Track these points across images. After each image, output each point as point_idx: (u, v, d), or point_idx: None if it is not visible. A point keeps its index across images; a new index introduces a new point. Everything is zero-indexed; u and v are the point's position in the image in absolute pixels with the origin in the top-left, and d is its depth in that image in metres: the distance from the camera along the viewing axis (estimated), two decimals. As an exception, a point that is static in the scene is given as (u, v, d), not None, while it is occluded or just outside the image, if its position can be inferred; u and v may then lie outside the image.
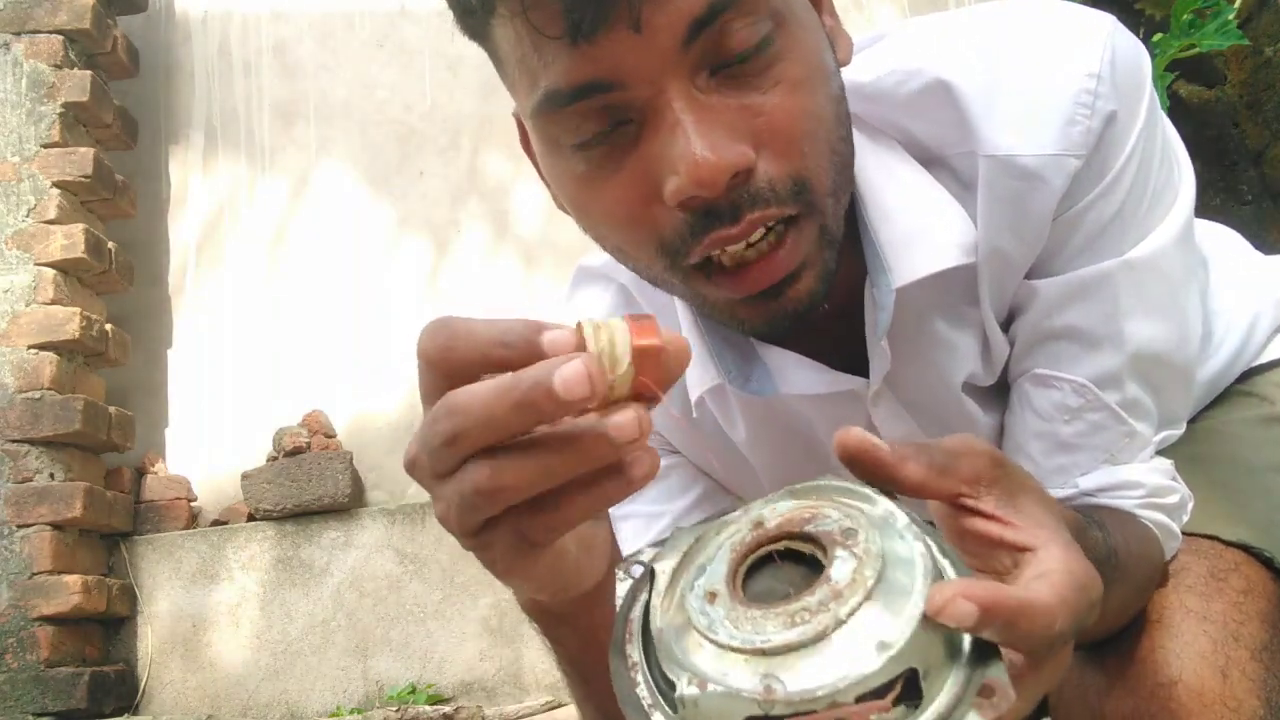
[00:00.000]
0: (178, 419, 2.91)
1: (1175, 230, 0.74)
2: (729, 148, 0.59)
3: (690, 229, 0.62)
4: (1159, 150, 0.73)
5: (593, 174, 0.64)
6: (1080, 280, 0.73)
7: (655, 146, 0.60)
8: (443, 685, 2.58)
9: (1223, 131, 2.60)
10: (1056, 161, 0.69)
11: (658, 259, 0.65)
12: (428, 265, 2.99)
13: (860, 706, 0.37)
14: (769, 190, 0.61)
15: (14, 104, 2.71)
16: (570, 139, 0.63)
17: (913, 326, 0.77)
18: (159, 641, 2.63)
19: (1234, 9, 2.26)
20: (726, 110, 0.60)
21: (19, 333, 2.57)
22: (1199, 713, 0.72)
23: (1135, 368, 0.75)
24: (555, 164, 0.66)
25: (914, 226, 0.72)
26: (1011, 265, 0.75)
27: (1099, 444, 0.76)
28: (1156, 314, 0.74)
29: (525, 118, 0.67)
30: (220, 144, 3.08)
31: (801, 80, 0.62)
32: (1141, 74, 0.71)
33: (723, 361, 0.77)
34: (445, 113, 3.06)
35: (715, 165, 0.58)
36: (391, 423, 2.88)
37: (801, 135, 0.62)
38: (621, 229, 0.66)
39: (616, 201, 0.64)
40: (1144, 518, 0.76)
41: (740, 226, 0.61)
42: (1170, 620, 0.77)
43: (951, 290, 0.76)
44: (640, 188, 0.62)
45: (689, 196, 0.60)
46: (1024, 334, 0.77)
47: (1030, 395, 0.77)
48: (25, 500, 2.47)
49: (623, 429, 0.40)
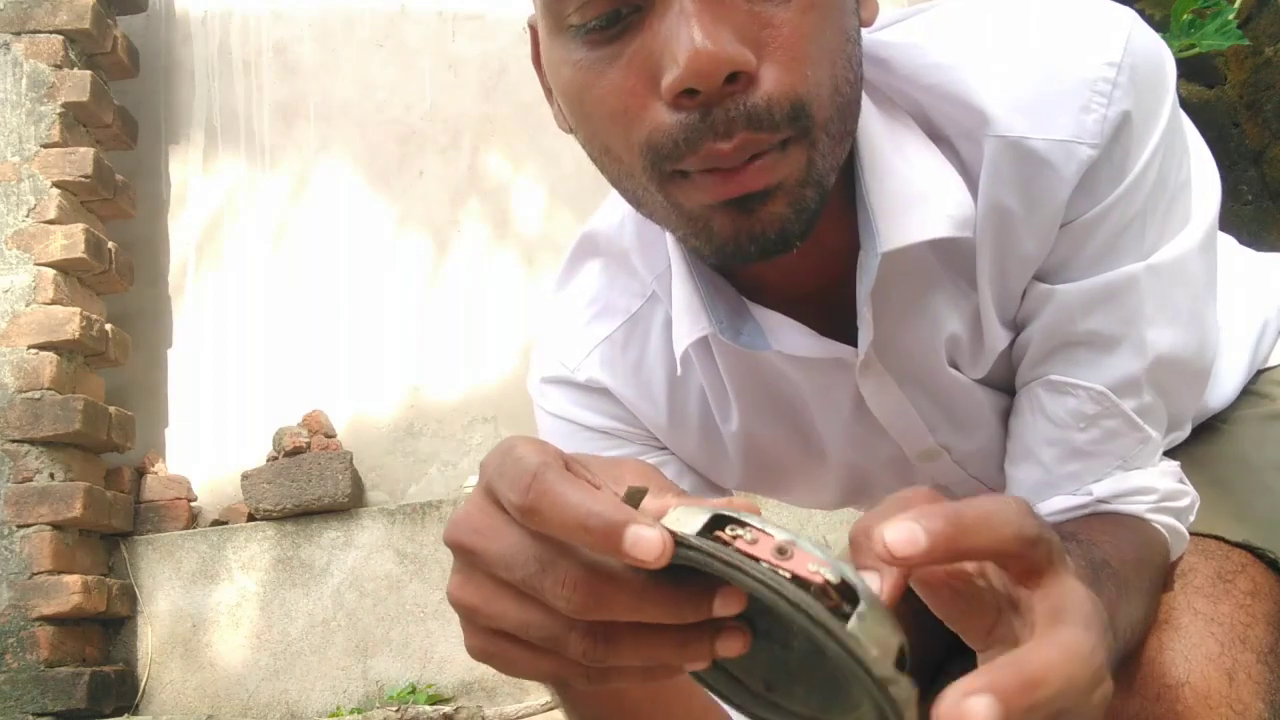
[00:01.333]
0: (178, 419, 2.91)
1: (1200, 235, 0.73)
2: (732, 43, 0.58)
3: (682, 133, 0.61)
4: (1181, 151, 0.72)
5: (592, 60, 0.63)
6: (1103, 285, 0.72)
7: (658, 34, 0.59)
8: (443, 685, 2.58)
9: (1223, 131, 2.60)
10: (1067, 148, 0.68)
11: (641, 159, 0.63)
12: (428, 265, 2.99)
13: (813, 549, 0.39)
14: (766, 111, 0.60)
15: (14, 104, 2.71)
16: (575, 19, 0.62)
17: (904, 298, 0.76)
18: (159, 641, 2.63)
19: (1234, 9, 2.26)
20: (736, 11, 0.59)
21: (19, 333, 2.56)
22: (1205, 715, 0.71)
23: (1154, 374, 0.74)
24: (556, 50, 0.65)
25: (909, 194, 0.71)
26: (1014, 254, 0.73)
27: (1113, 450, 0.75)
28: (1179, 321, 0.73)
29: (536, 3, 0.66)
30: (220, 144, 3.08)
31: (816, 4, 0.61)
32: (1164, 71, 0.70)
33: (715, 314, 0.76)
34: (445, 113, 3.06)
35: (715, 55, 0.57)
36: (391, 423, 2.88)
37: (807, 56, 0.61)
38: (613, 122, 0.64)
39: (612, 90, 0.62)
40: (1156, 522, 0.76)
41: (733, 143, 0.60)
42: (1178, 622, 0.76)
43: (948, 267, 0.75)
44: (638, 76, 0.61)
45: (685, 88, 0.59)
46: (1040, 338, 0.76)
47: (1044, 401, 0.76)
48: (25, 500, 2.47)
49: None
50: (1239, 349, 0.96)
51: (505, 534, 0.43)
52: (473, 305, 2.95)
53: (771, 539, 0.39)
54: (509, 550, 0.43)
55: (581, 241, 0.90)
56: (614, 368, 0.87)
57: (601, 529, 0.39)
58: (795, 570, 0.38)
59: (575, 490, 0.40)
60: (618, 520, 0.39)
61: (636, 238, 0.83)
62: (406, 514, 2.70)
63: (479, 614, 0.44)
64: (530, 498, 0.41)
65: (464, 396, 2.88)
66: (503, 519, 0.44)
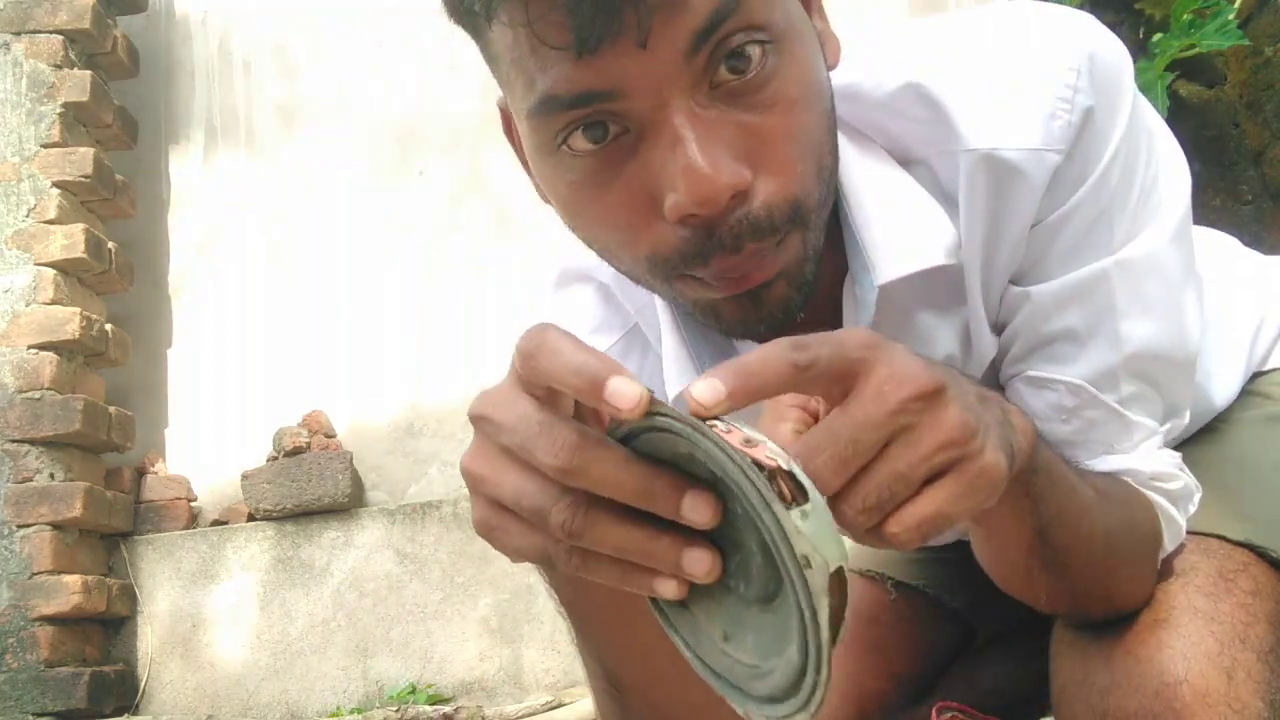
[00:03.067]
0: (178, 419, 2.91)
1: (1170, 230, 0.74)
2: (729, 167, 0.59)
3: (690, 249, 0.62)
4: (1145, 148, 0.73)
5: (587, 181, 0.63)
6: (1075, 282, 0.73)
7: (655, 160, 0.60)
8: (443, 685, 2.58)
9: (1223, 131, 2.60)
10: (1037, 156, 0.69)
11: (648, 268, 0.66)
12: (428, 265, 2.99)
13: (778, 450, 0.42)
14: (768, 220, 0.61)
15: (14, 104, 2.71)
16: (565, 144, 0.62)
17: (894, 327, 0.77)
18: (159, 641, 2.63)
19: (1234, 9, 2.26)
20: (726, 128, 0.60)
21: (19, 333, 2.56)
22: (1203, 713, 0.72)
23: (1133, 366, 0.75)
24: (547, 167, 0.66)
25: (897, 225, 0.72)
26: (994, 265, 0.75)
27: (1097, 438, 0.76)
28: (1154, 313, 0.74)
29: (516, 116, 0.67)
30: (220, 144, 3.08)
31: (797, 99, 0.62)
32: (1121, 72, 0.71)
33: (701, 362, 0.77)
34: (445, 113, 3.06)
35: (716, 184, 0.58)
36: (391, 423, 2.88)
37: (797, 157, 0.62)
38: (615, 235, 0.66)
39: (612, 211, 0.64)
40: (1140, 490, 0.76)
41: (742, 255, 0.62)
42: (1177, 620, 0.77)
43: (935, 289, 0.76)
44: (637, 199, 0.62)
45: (688, 214, 0.60)
46: (1018, 339, 0.77)
47: (1025, 396, 0.77)
48: (25, 500, 2.47)
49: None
50: (1238, 349, 0.96)
51: (517, 403, 0.47)
52: (473, 305, 2.95)
53: (742, 433, 0.43)
54: (516, 417, 0.46)
55: (561, 275, 0.91)
56: None
57: (588, 375, 0.43)
58: (756, 455, 0.41)
59: (570, 344, 0.45)
60: (603, 370, 0.43)
61: (614, 278, 0.85)
62: (406, 514, 2.70)
63: (484, 483, 0.48)
64: (531, 346, 0.46)
65: (464, 396, 2.88)
66: (518, 391, 0.48)
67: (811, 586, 0.41)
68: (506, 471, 0.47)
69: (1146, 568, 0.79)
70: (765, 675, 0.46)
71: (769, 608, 0.45)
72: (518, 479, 0.46)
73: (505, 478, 0.47)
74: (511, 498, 0.47)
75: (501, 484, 0.47)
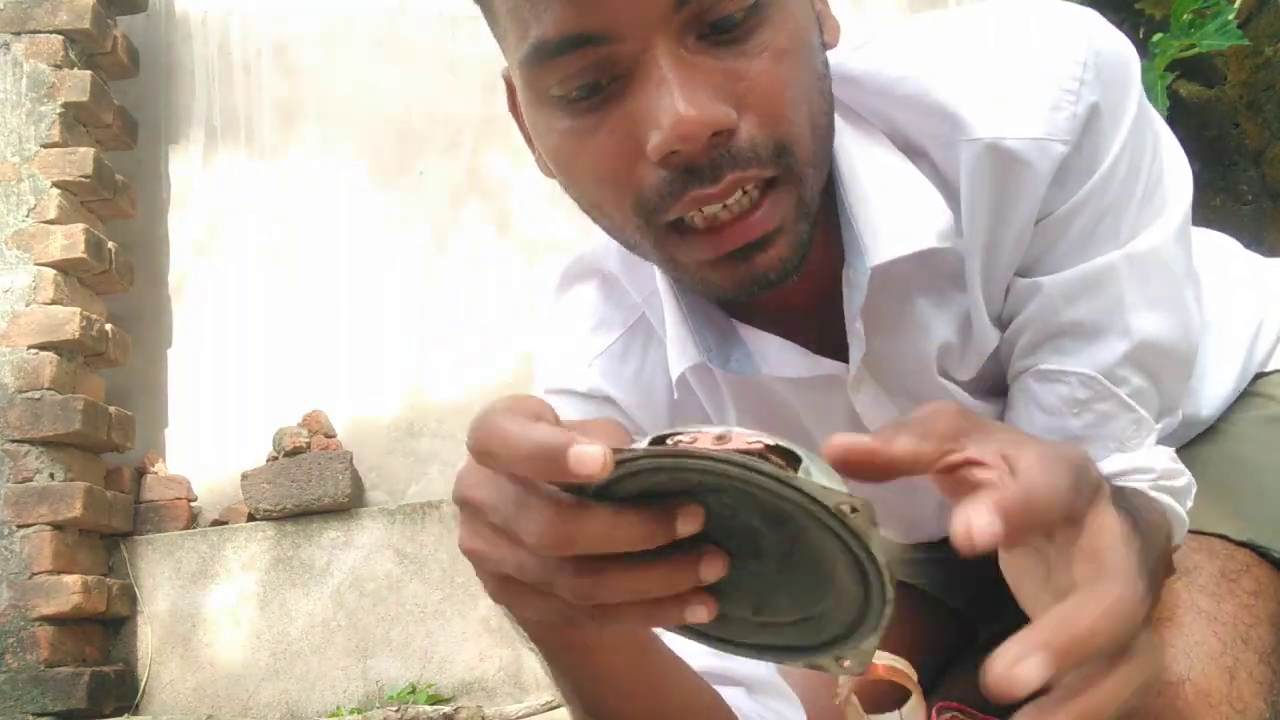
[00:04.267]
0: (178, 419, 2.91)
1: (1174, 225, 0.75)
2: (712, 105, 0.60)
3: (669, 186, 0.63)
4: (1150, 145, 0.74)
5: (576, 128, 0.64)
6: (1084, 275, 0.73)
7: (640, 102, 0.61)
8: (443, 685, 2.58)
9: (1223, 131, 2.60)
10: (1040, 146, 0.70)
11: (633, 216, 0.66)
12: (428, 265, 2.99)
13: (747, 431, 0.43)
14: (750, 151, 0.62)
15: (14, 104, 2.71)
16: (557, 91, 0.64)
17: (892, 311, 0.77)
18: (159, 641, 2.63)
19: (1234, 9, 2.26)
20: (712, 71, 0.61)
21: (19, 333, 2.56)
22: (1205, 713, 0.72)
23: (1141, 358, 0.75)
24: (540, 117, 0.67)
25: (892, 208, 0.73)
26: (997, 256, 0.75)
27: (1108, 434, 0.76)
28: (1160, 306, 0.75)
29: (513, 70, 0.68)
30: (220, 144, 3.08)
31: (786, 49, 0.63)
32: (1128, 67, 0.72)
33: (703, 340, 0.78)
34: (445, 113, 3.06)
35: (698, 120, 0.59)
36: (391, 423, 2.88)
37: (784, 102, 0.63)
38: (601, 184, 0.67)
39: (598, 156, 0.65)
40: (1157, 499, 0.76)
41: (720, 186, 0.62)
42: (1180, 619, 0.77)
43: (933, 276, 0.77)
44: (623, 142, 0.63)
45: (670, 151, 0.61)
46: (1026, 332, 0.77)
47: (1036, 392, 0.77)
48: (25, 500, 2.47)
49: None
50: (1236, 349, 0.96)
51: (492, 483, 0.46)
52: (473, 305, 2.95)
53: (709, 434, 0.43)
54: (495, 497, 0.45)
55: (571, 265, 0.92)
56: (615, 377, 0.88)
57: (546, 455, 0.41)
58: (736, 447, 0.42)
59: (516, 423, 0.43)
60: (559, 443, 0.41)
61: (621, 263, 0.85)
62: (406, 514, 2.70)
63: (485, 560, 0.47)
64: (480, 438, 0.44)
65: (464, 396, 2.88)
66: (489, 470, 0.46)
67: (857, 528, 0.42)
68: (502, 548, 0.46)
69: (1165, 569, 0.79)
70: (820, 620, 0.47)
71: (788, 565, 0.46)
72: (515, 554, 0.46)
73: (503, 554, 0.46)
74: (515, 573, 0.46)
75: (502, 561, 0.46)
